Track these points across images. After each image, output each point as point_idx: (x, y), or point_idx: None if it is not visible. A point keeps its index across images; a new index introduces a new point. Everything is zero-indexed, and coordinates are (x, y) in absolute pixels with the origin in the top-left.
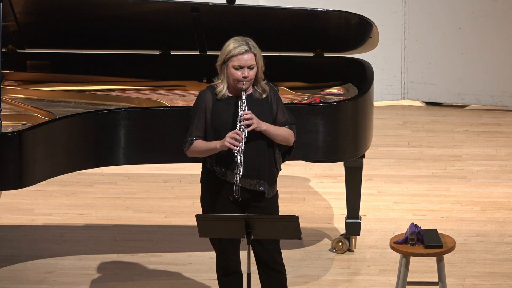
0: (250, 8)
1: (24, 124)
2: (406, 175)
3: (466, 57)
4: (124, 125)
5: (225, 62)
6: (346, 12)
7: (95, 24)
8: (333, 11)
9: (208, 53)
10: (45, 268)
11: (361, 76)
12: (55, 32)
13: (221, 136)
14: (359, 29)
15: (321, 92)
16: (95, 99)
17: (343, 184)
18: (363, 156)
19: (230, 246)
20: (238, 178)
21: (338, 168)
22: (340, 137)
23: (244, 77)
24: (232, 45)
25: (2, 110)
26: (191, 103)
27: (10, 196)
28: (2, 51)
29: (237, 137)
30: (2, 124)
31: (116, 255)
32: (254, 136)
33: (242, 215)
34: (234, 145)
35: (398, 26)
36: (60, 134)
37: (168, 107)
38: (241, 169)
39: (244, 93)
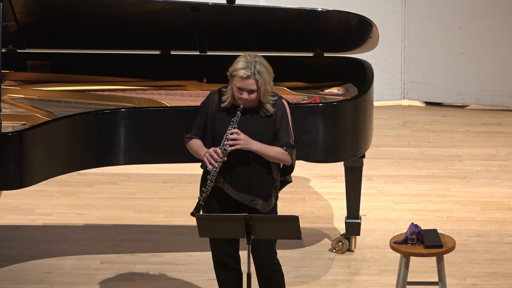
0: (250, 8)
1: (24, 124)
2: (406, 175)
3: (466, 57)
4: (124, 125)
5: (232, 75)
6: (346, 12)
7: (95, 24)
8: (333, 11)
9: (208, 53)
10: (45, 268)
11: (361, 76)
12: (55, 32)
13: (216, 142)
14: (359, 29)
15: (321, 92)
16: (95, 99)
17: (343, 184)
18: (363, 156)
19: (225, 242)
20: (203, 197)
21: (338, 168)
22: (340, 137)
23: (243, 98)
24: (240, 64)
25: (2, 110)
26: (191, 103)
27: (10, 196)
28: (2, 51)
29: (215, 156)
30: (2, 124)
31: (116, 255)
32: (249, 152)
33: (242, 215)
34: (210, 163)
35: (398, 26)
36: (60, 134)
37: (168, 107)
38: (209, 188)
39: (238, 113)
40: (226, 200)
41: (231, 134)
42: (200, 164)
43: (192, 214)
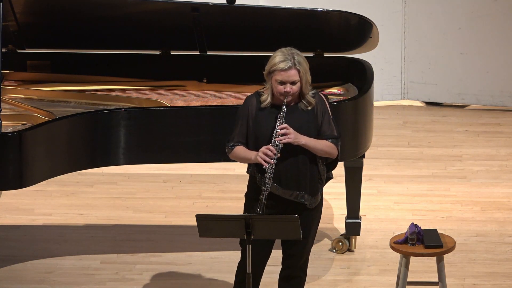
0: (250, 8)
1: (24, 124)
2: (406, 175)
3: (466, 57)
4: (124, 125)
5: (270, 72)
6: (346, 12)
7: (95, 24)
8: (333, 11)
9: (208, 53)
10: (45, 268)
11: (361, 76)
12: (55, 32)
13: (260, 144)
14: (359, 29)
15: (321, 92)
16: (95, 99)
17: (343, 184)
18: (363, 156)
19: (255, 264)
20: (265, 196)
21: (338, 168)
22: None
23: (286, 92)
24: (278, 58)
25: (2, 110)
26: (191, 103)
27: (10, 196)
28: (2, 51)
29: (269, 153)
30: (2, 124)
31: (116, 255)
32: (295, 148)
33: (242, 215)
34: (265, 161)
35: (398, 26)
36: (60, 134)
37: (168, 107)
38: (269, 186)
39: (284, 107)
40: (273, 206)
41: (281, 129)
42: (246, 169)
43: (258, 213)
